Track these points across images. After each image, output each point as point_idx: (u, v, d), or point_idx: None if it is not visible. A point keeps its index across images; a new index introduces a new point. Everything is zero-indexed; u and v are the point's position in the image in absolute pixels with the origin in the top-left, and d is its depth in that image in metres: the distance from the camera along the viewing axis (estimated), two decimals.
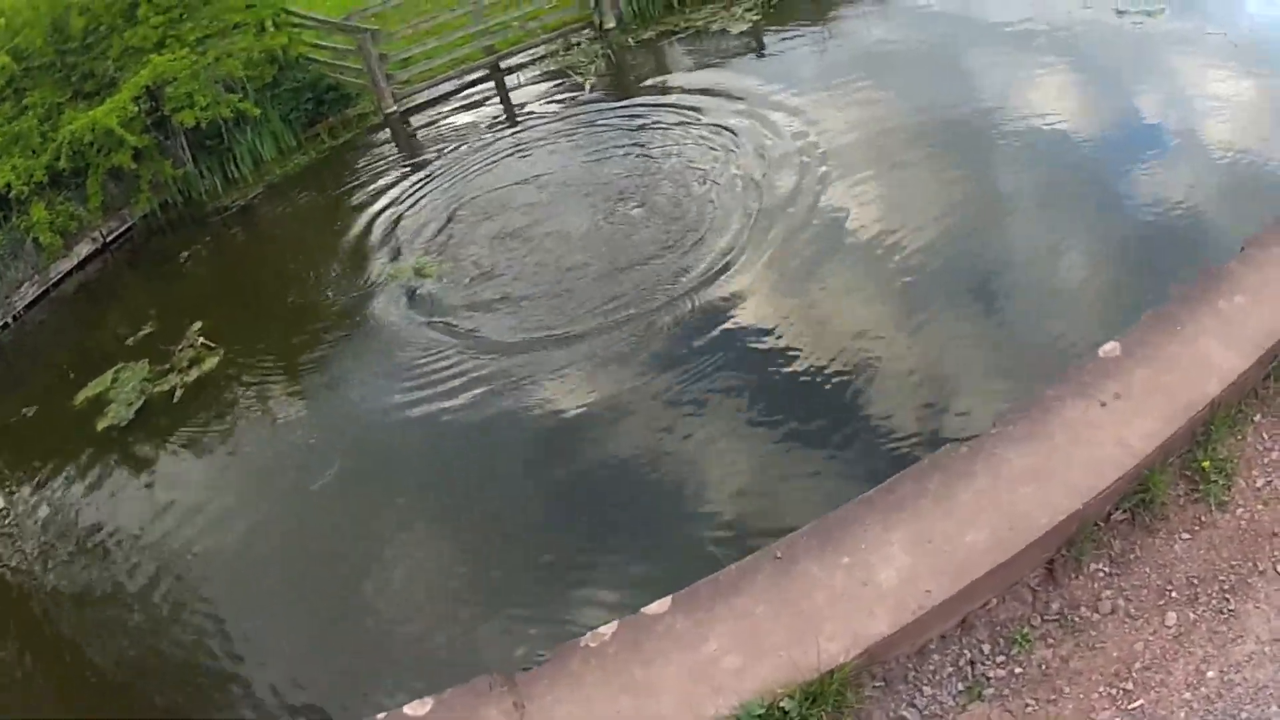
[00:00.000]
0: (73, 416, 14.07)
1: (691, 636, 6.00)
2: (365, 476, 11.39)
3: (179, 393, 13.68)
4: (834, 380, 10.84)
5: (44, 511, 12.53)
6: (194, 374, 13.90)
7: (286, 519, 11.22)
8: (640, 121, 17.66)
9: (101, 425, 13.57)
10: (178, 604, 10.41)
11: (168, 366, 14.22)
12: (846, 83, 17.17)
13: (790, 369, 11.23)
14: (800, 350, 11.45)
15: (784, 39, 19.60)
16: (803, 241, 13.38)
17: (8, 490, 13.18)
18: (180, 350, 14.41)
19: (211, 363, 14.00)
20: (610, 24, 21.12)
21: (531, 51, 21.27)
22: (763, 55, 19.35)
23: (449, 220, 16.04)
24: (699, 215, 14.42)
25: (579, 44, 20.97)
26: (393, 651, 9.16)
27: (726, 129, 16.53)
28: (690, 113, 17.39)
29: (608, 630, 6.16)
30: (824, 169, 14.76)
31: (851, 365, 11.00)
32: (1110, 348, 7.18)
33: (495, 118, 19.44)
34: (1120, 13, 17.18)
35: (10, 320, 17.51)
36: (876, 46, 18.55)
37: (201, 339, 14.46)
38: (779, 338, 11.74)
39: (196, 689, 9.46)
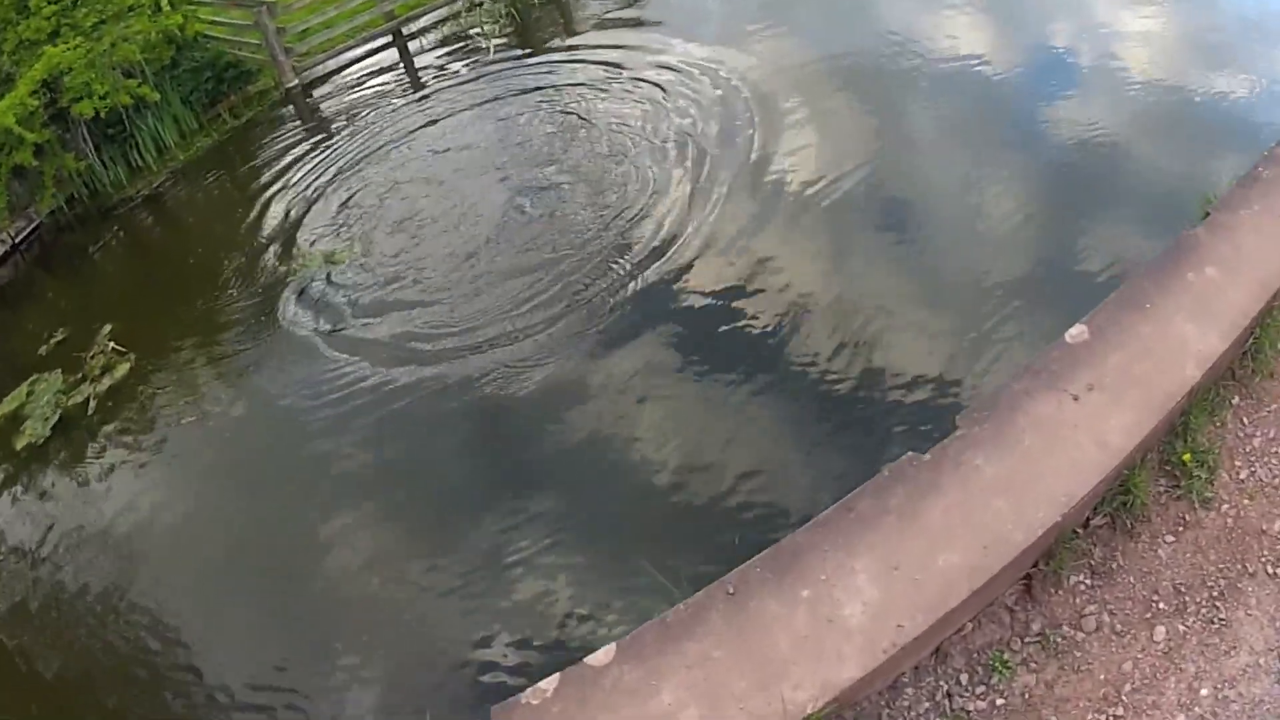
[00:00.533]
0: None
1: (643, 689, 5.36)
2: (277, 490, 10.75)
3: (93, 404, 12.89)
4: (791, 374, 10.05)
5: None
6: (106, 383, 13.11)
7: (204, 535, 10.45)
8: (553, 79, 16.81)
9: (20, 444, 12.81)
10: (106, 617, 9.86)
11: (81, 375, 13.45)
12: (763, 24, 16.56)
13: (739, 343, 10.48)
14: (749, 321, 10.75)
15: None
16: (746, 205, 12.58)
17: None
18: (92, 357, 13.65)
19: (123, 369, 13.20)
20: None
21: (434, 14, 20.19)
22: None
23: (357, 199, 15.16)
24: (630, 177, 13.58)
25: (480, 3, 19.82)
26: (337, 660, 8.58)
27: (646, 80, 15.75)
28: (605, 65, 16.61)
29: (549, 685, 5.50)
30: (756, 117, 14.09)
31: (805, 359, 10.16)
32: (1078, 331, 6.50)
33: (400, 85, 18.52)
34: None
35: None
36: None
37: (112, 344, 13.67)
38: (729, 324, 10.85)
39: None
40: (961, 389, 9.08)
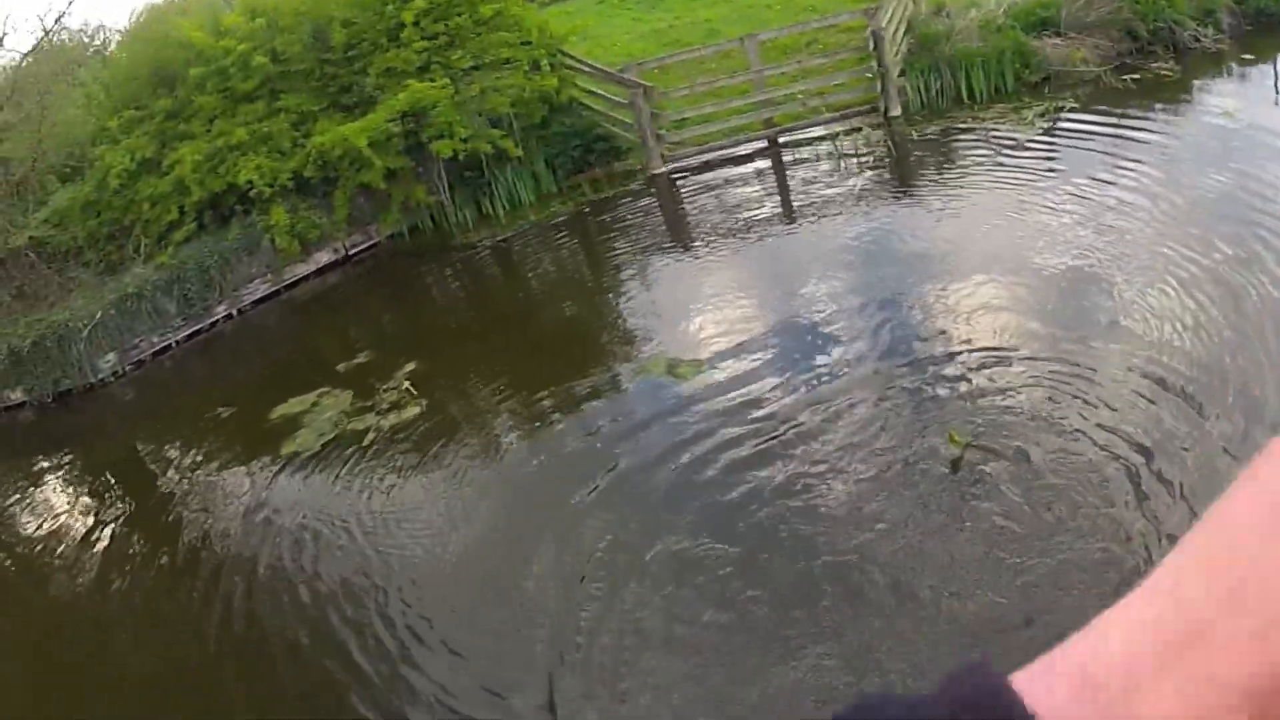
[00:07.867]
0: (263, 431, 12.66)
1: None
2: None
3: (371, 435, 11.70)
4: None
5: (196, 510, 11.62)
6: (391, 420, 11.93)
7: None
8: (951, 233, 13.07)
9: (287, 449, 12.04)
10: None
11: (369, 404, 12.42)
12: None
13: None
14: None
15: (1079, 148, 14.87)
16: None
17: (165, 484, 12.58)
18: (385, 390, 12.64)
19: (412, 412, 11.95)
20: (895, 112, 17.88)
21: (813, 129, 18.18)
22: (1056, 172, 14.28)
23: (725, 312, 12.34)
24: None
25: (860, 130, 17.78)
26: None
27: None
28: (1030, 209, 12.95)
29: None
30: None
31: None
32: None
33: (768, 198, 16.36)
34: None
35: (235, 312, 16.92)
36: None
37: (408, 384, 12.58)
38: None
39: None
40: None
